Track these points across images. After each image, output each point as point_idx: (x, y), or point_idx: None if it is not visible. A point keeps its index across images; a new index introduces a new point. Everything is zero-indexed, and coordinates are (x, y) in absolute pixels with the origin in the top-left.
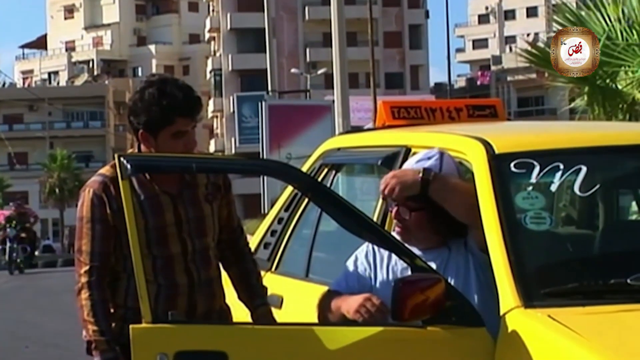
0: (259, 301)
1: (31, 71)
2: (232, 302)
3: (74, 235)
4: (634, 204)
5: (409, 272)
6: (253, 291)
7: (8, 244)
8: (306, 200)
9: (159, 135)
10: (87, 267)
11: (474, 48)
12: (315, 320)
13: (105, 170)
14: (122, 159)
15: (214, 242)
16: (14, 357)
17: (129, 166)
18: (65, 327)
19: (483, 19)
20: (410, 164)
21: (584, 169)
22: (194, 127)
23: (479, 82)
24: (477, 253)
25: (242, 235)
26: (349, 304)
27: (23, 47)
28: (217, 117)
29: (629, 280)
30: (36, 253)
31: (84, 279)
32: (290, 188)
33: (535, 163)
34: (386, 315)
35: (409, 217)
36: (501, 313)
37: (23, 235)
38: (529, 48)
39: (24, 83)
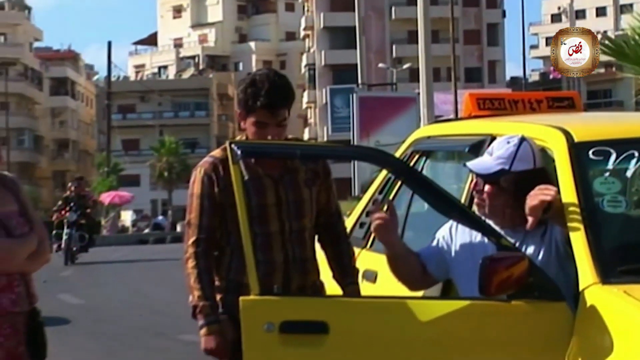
0: (349, 280)
1: (143, 65)
2: (328, 281)
3: (177, 214)
4: None
5: (482, 239)
6: (345, 271)
7: (66, 230)
8: (398, 183)
9: (246, 121)
10: (194, 238)
11: (547, 45)
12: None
13: (216, 152)
14: (232, 145)
15: (311, 224)
16: (129, 323)
17: (239, 152)
18: (173, 297)
19: (556, 18)
20: (492, 146)
21: None
22: (279, 123)
23: (551, 77)
24: (561, 245)
25: (340, 220)
26: None
27: (136, 43)
28: (310, 107)
29: None
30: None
31: (191, 249)
32: (383, 172)
33: (612, 151)
34: (388, 216)
35: (482, 188)
36: (580, 289)
37: (82, 221)
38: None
39: (136, 76)
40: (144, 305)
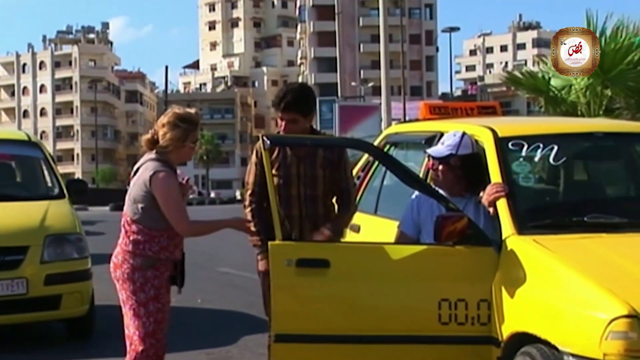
0: (327, 225)
1: (189, 83)
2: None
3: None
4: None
5: (438, 205)
6: (333, 221)
7: None
8: (375, 164)
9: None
10: (250, 191)
11: (466, 71)
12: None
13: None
14: (264, 137)
15: (323, 193)
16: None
17: (268, 142)
18: (212, 242)
19: (472, 52)
20: (443, 138)
21: (556, 147)
22: (290, 121)
23: (469, 92)
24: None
25: (348, 192)
26: None
27: (184, 67)
28: None
29: (585, 219)
30: None
31: (248, 199)
32: (365, 156)
33: (524, 143)
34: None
35: (437, 167)
36: (503, 238)
37: None
38: (505, 74)
39: (184, 90)
40: (191, 248)
